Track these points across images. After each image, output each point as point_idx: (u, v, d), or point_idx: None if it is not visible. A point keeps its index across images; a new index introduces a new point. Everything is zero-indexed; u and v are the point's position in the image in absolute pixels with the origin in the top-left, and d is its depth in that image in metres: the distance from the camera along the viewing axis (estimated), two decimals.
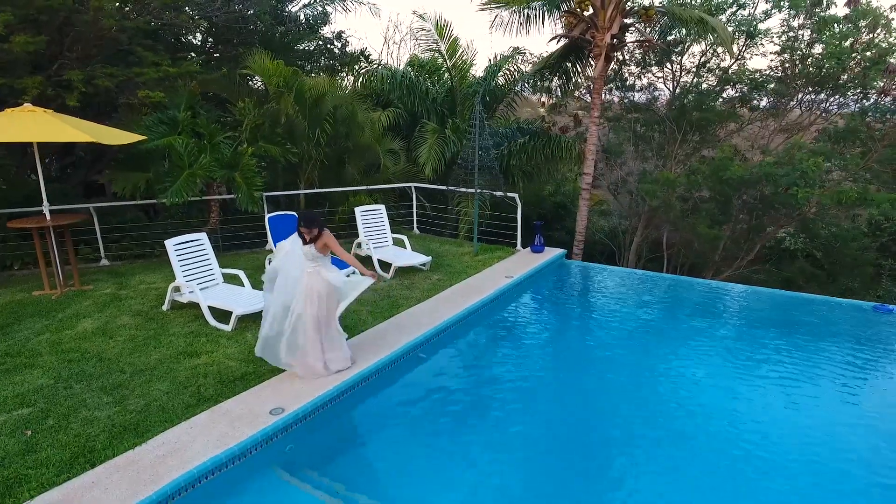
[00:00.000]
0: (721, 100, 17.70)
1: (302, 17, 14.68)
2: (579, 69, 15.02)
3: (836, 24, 14.14)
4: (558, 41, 13.60)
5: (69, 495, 3.58)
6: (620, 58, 17.78)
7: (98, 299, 7.44)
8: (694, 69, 17.42)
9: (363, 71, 15.29)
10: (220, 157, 8.43)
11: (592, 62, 13.35)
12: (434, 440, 4.80)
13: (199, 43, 13.41)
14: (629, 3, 12.45)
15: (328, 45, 14.67)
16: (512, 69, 14.88)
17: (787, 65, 15.85)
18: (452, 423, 5.05)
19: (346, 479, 4.29)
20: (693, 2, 16.12)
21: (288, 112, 9.42)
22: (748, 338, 6.98)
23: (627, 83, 18.73)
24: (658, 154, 18.51)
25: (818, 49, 14.80)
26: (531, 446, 4.73)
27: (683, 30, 15.76)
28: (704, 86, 17.61)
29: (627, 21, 12.73)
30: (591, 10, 12.60)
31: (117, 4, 8.23)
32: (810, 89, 15.69)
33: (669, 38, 16.79)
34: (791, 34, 15.40)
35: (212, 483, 3.93)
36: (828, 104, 15.92)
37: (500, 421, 5.10)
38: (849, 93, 14.69)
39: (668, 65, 17.75)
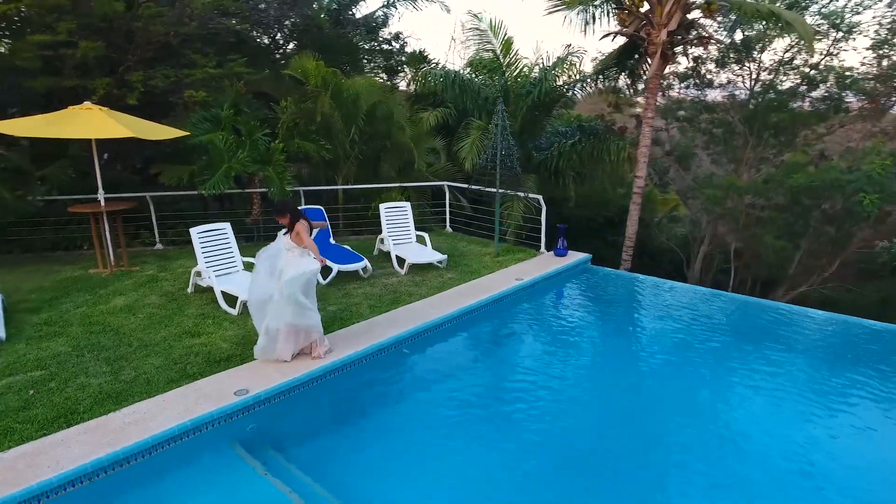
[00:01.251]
0: (807, 100, 16.26)
1: (362, 18, 15.22)
2: (641, 68, 14.41)
3: None
4: (613, 38, 13.13)
5: (38, 449, 4.04)
6: (696, 55, 16.90)
7: (139, 279, 8.20)
8: (775, 67, 16.11)
9: (420, 71, 15.56)
10: (255, 152, 8.98)
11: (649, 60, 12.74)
12: (394, 434, 4.90)
13: (267, 43, 14.30)
14: None
15: (382, 46, 15.08)
16: (571, 65, 14.47)
17: (883, 61, 14.29)
18: (416, 420, 5.13)
19: (299, 460, 4.46)
20: None
21: (325, 110, 9.85)
22: (745, 352, 6.47)
23: (706, 80, 17.75)
24: (732, 158, 17.34)
25: None
26: (498, 444, 4.76)
27: (762, 24, 14.72)
28: (787, 84, 16.26)
29: (689, 17, 12.04)
30: (647, 6, 12.06)
31: (171, 10, 8.96)
32: None
33: (746, 34, 15.71)
34: (891, 26, 13.87)
35: (167, 452, 4.26)
36: None
37: (469, 419, 5.11)
38: None
39: (747, 63, 16.55)
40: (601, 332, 7.29)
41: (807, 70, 15.65)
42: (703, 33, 12.34)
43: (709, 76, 17.63)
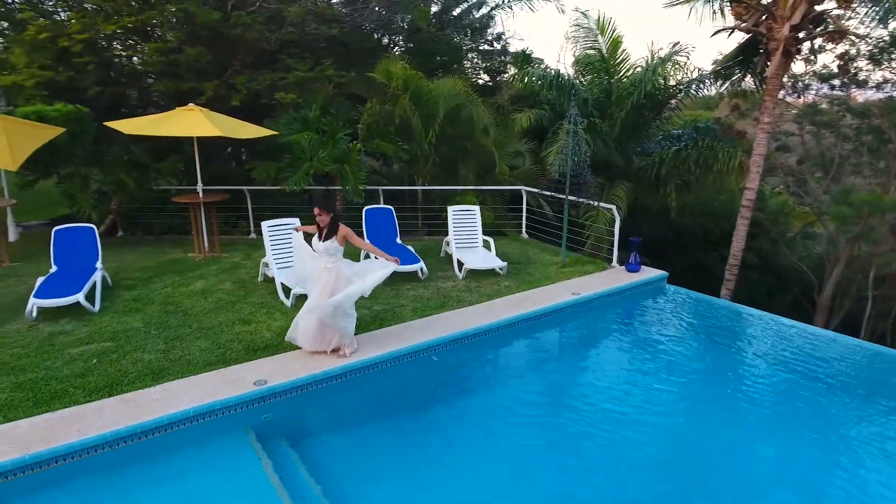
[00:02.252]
0: None
1: (467, 20, 15.30)
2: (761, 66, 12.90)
3: None
4: (730, 34, 11.92)
5: (77, 413, 4.58)
6: (842, 51, 14.78)
7: (223, 265, 8.98)
8: None
9: (522, 71, 15.29)
10: (335, 151, 9.42)
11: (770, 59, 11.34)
12: (404, 438, 4.93)
13: (371, 46, 14.92)
14: None
15: (483, 47, 15.05)
16: (675, 65, 13.36)
17: None
18: (425, 427, 5.09)
19: (306, 454, 4.59)
20: None
21: (405, 112, 10.05)
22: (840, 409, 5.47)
23: (857, 79, 15.48)
24: (880, 169, 14.92)
25: None
26: (515, 464, 4.62)
27: None
28: None
29: (818, 8, 10.52)
30: None
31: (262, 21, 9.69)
32: None
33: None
34: None
35: (182, 431, 4.61)
36: None
37: (480, 434, 4.98)
38: None
39: None
40: (649, 367, 6.32)
41: None
42: (838, 26, 10.69)
43: (861, 75, 15.36)
